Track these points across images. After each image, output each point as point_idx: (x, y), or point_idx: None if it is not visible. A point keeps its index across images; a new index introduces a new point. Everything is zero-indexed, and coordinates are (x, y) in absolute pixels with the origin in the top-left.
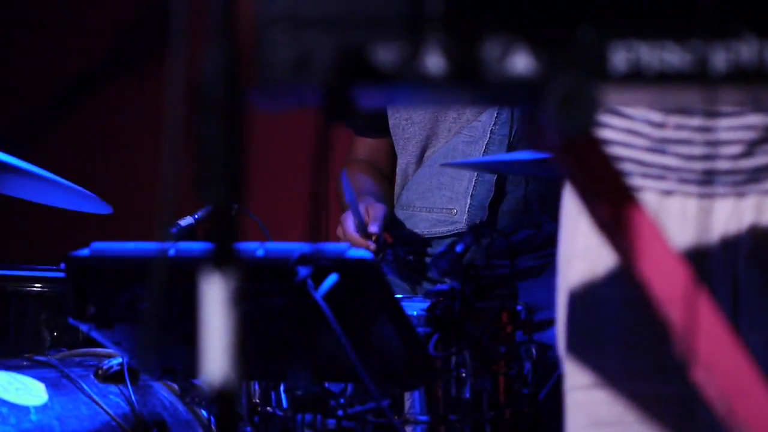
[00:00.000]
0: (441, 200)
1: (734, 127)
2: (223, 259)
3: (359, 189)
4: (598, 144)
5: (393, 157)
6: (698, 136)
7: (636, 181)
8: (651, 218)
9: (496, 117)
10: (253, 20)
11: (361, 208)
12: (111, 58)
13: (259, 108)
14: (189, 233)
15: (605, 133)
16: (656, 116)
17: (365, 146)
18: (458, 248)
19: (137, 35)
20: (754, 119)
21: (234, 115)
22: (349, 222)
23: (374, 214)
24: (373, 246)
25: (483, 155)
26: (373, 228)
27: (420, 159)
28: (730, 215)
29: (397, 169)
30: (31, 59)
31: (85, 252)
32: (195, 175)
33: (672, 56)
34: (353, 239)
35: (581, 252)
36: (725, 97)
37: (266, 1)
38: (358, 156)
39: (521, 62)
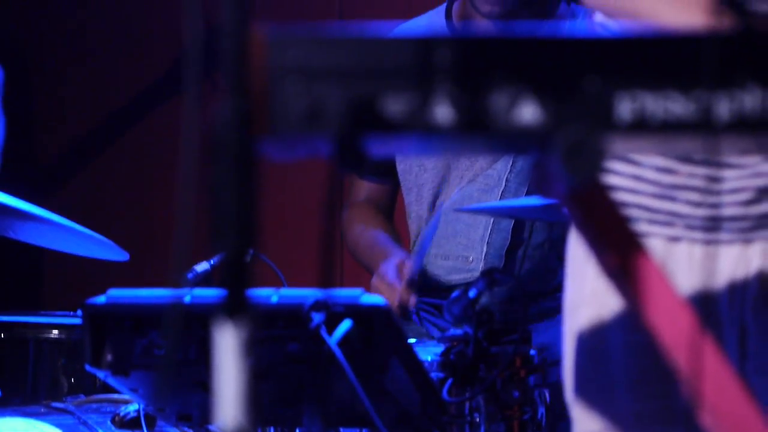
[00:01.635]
0: (457, 248)
1: (743, 175)
2: (235, 307)
3: (375, 237)
4: (604, 192)
5: (394, 201)
6: (707, 183)
7: (643, 227)
8: (657, 265)
9: (511, 165)
10: (265, 71)
11: (397, 261)
12: (128, 108)
13: (272, 157)
14: (205, 279)
15: (612, 179)
16: (664, 162)
17: (367, 189)
18: (471, 293)
19: (154, 86)
20: (764, 167)
21: (247, 165)
22: (391, 273)
23: (409, 264)
24: (414, 300)
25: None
26: (411, 277)
27: (433, 206)
28: (738, 261)
29: (411, 216)
30: (47, 109)
31: (101, 299)
32: (208, 224)
33: (676, 106)
34: (396, 290)
35: (588, 297)
36: (729, 146)
37: (278, 53)
38: (359, 198)
39: (528, 112)
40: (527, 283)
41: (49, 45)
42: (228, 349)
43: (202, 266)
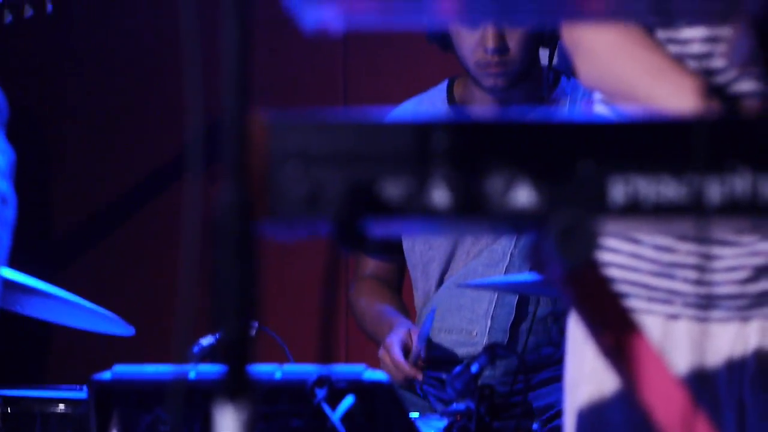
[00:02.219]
0: (461, 322)
1: (741, 254)
2: (235, 388)
3: (381, 309)
4: (598, 272)
5: (401, 276)
6: (705, 262)
7: (642, 305)
8: (651, 344)
9: (515, 240)
10: (265, 156)
11: (402, 333)
12: (136, 189)
13: (273, 237)
14: (211, 352)
15: (611, 257)
16: (663, 241)
17: (373, 266)
18: (473, 368)
19: (162, 168)
20: (762, 246)
21: (247, 249)
22: (397, 350)
23: (416, 339)
24: (421, 377)
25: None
26: (417, 351)
27: (440, 282)
28: (736, 339)
29: (418, 292)
30: (54, 187)
31: (106, 375)
32: (209, 306)
33: (668, 189)
34: (402, 367)
35: (588, 376)
36: (721, 228)
37: (278, 138)
38: (365, 273)
39: (523, 195)
40: (530, 357)
41: (60, 124)
42: (228, 429)
43: (207, 340)
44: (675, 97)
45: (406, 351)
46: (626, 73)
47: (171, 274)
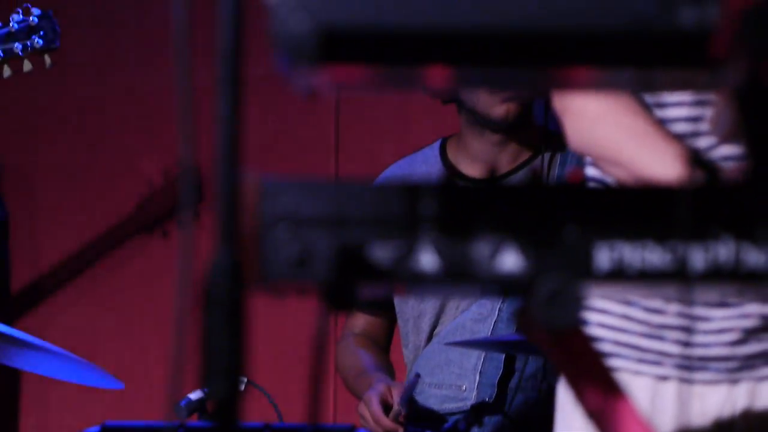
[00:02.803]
0: (450, 377)
1: (730, 316)
2: None
3: (364, 365)
4: (584, 337)
5: (389, 333)
6: (695, 324)
7: (632, 366)
8: (637, 409)
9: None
10: (257, 218)
11: (382, 388)
12: (122, 238)
13: (263, 297)
14: (199, 406)
15: (602, 319)
16: (653, 303)
17: (363, 321)
18: (461, 426)
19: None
20: (751, 308)
21: (237, 309)
22: (375, 403)
23: (397, 393)
24: (401, 430)
25: (491, 333)
26: (398, 408)
27: (430, 336)
28: (725, 401)
29: (409, 346)
30: (39, 238)
31: (96, 430)
32: (198, 368)
33: (653, 256)
34: (381, 421)
35: None
36: (705, 294)
37: (269, 201)
38: (355, 329)
39: (510, 260)
40: (517, 414)
41: (44, 173)
42: None
43: (195, 394)
44: (658, 162)
45: (385, 406)
46: (611, 138)
47: (161, 328)
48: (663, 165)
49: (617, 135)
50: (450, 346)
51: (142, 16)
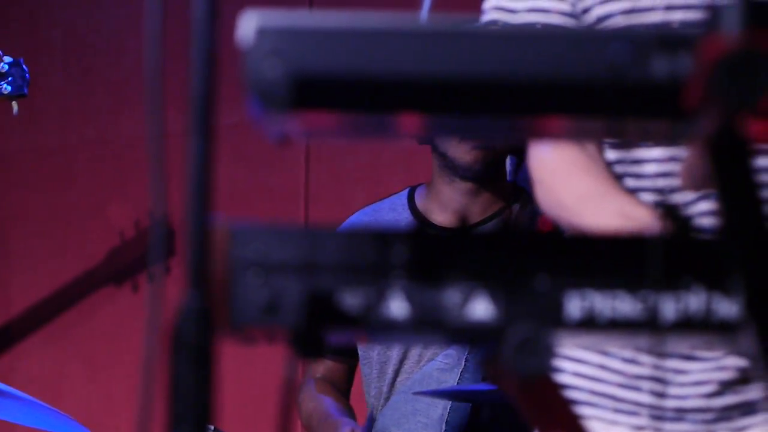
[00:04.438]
0: (416, 426)
1: (707, 368)
2: None
3: (328, 410)
4: (554, 386)
5: (351, 378)
6: (672, 375)
7: (608, 416)
8: None
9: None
10: (226, 263)
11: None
12: (92, 287)
13: (232, 343)
14: None
15: (579, 368)
16: (630, 353)
17: (325, 366)
18: None
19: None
20: (727, 361)
21: (205, 355)
22: None
23: None
24: None
25: (458, 383)
26: None
27: (393, 382)
28: None
29: (372, 393)
30: (13, 281)
31: None
32: (166, 412)
33: (624, 305)
34: None
35: None
36: (675, 344)
37: (239, 247)
38: (316, 374)
39: (480, 308)
40: None
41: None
42: None
43: None
44: (600, 219)
45: None
46: (563, 198)
47: (127, 373)
48: (604, 223)
49: (568, 194)
50: (416, 396)
51: (112, 65)
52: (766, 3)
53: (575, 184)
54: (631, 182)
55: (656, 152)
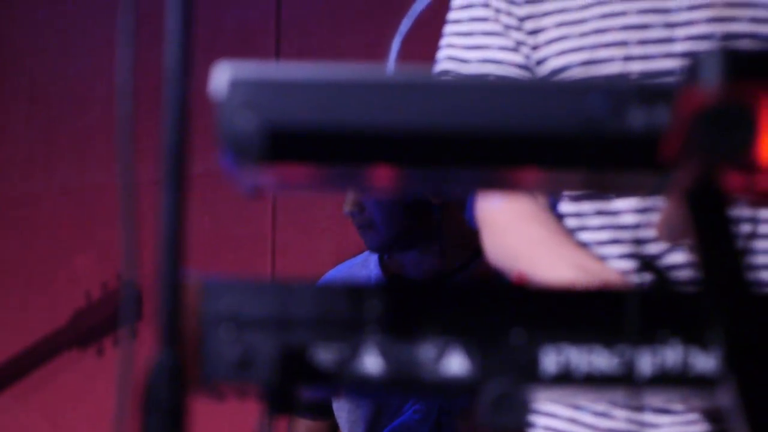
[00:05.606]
0: None
1: (677, 422)
2: None
3: None
4: None
5: None
6: (643, 429)
7: None
8: None
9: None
10: (198, 319)
11: None
12: (57, 349)
13: (204, 399)
14: None
15: (550, 422)
16: (602, 407)
17: (304, 426)
18: None
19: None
20: (704, 415)
21: (177, 414)
22: None
23: None
24: None
25: None
26: None
27: None
28: None
29: None
30: None
31: None
32: None
33: (600, 360)
34: None
35: None
36: (652, 398)
37: (211, 302)
38: None
39: (456, 363)
40: None
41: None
42: None
43: None
44: (554, 271)
45: None
46: (515, 247)
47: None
48: (559, 273)
49: (518, 244)
50: None
51: (79, 113)
52: (744, 54)
53: (528, 234)
54: (601, 234)
55: (631, 203)
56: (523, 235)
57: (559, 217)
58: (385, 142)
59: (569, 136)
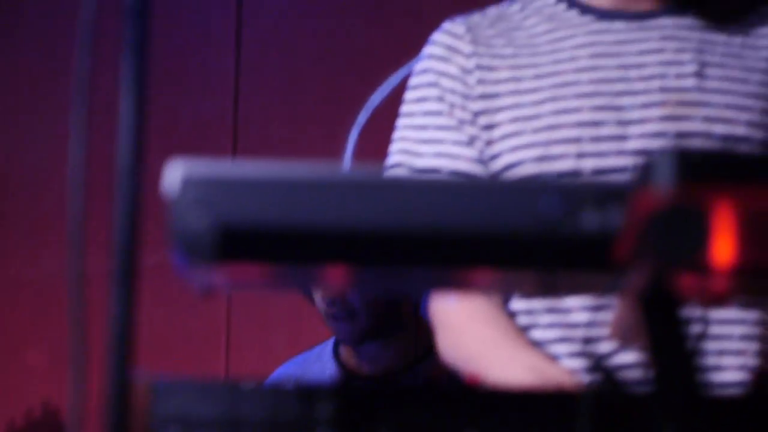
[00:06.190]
0: None
1: None
2: None
3: None
4: None
5: None
6: None
7: None
8: None
9: None
10: (146, 421)
11: None
12: None
13: None
14: None
15: None
16: None
17: None
18: None
19: None
20: None
21: None
22: None
23: None
24: None
25: None
26: None
27: None
28: None
29: None
30: None
31: None
32: None
33: None
34: None
35: None
36: None
37: (160, 402)
38: None
39: None
40: None
41: None
42: None
43: None
44: (508, 373)
45: None
46: (468, 348)
47: None
48: (512, 375)
49: (474, 346)
50: None
51: (31, 204)
52: (697, 156)
53: (482, 334)
54: (551, 332)
55: (583, 302)
56: (477, 336)
57: (512, 314)
58: (338, 242)
59: (523, 237)
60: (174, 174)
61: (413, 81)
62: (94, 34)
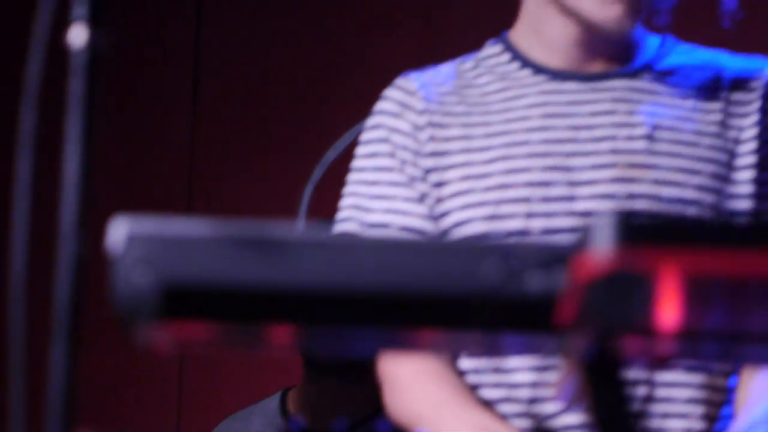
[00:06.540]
0: None
1: None
2: None
3: None
4: None
5: None
6: None
7: None
8: None
9: None
10: None
11: None
12: None
13: None
14: None
15: None
16: None
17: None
18: None
19: None
20: None
21: None
22: None
23: None
24: None
25: None
26: None
27: None
28: None
29: None
30: None
31: None
32: None
33: None
34: None
35: None
36: None
37: None
38: None
39: None
40: None
41: None
42: None
43: None
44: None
45: None
46: (414, 408)
47: None
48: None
49: (422, 405)
50: None
51: None
52: (639, 219)
53: (430, 394)
54: (496, 392)
55: (525, 362)
56: (425, 395)
57: (461, 373)
58: (283, 301)
59: (466, 299)
60: (118, 231)
61: (365, 136)
62: (42, 86)
